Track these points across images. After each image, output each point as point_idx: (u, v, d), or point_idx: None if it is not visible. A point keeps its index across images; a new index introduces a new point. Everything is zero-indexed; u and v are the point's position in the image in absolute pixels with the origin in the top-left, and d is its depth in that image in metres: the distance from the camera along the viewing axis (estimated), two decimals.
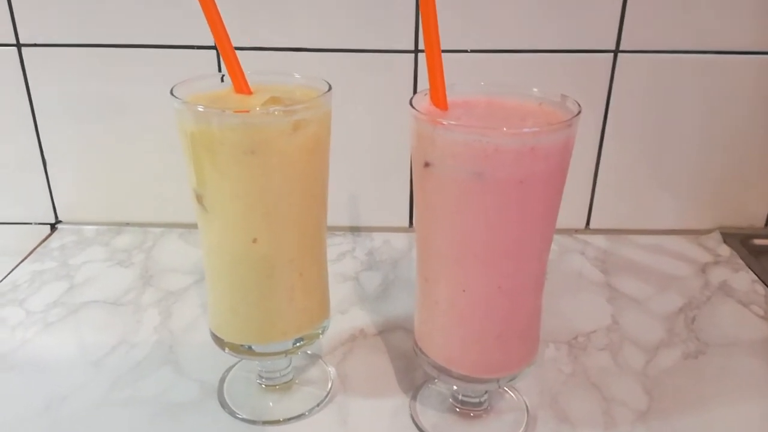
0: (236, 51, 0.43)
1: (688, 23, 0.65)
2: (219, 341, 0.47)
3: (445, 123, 0.37)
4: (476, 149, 0.36)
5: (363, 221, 0.75)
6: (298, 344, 0.46)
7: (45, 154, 0.72)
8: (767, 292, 0.63)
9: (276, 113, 0.39)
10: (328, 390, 0.50)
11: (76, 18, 0.66)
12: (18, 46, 0.67)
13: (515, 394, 0.50)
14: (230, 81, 0.43)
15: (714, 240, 0.73)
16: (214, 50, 0.66)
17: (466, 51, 0.66)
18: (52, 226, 0.76)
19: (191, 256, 0.69)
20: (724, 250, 0.71)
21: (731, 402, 0.49)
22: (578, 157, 0.69)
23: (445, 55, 0.39)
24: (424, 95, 0.41)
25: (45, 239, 0.73)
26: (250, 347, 0.46)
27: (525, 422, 0.47)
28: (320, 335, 0.48)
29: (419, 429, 0.47)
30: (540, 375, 0.52)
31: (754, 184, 0.73)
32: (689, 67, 0.67)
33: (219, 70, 0.67)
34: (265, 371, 0.50)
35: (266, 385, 0.51)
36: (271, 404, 0.49)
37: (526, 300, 0.42)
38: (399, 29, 0.65)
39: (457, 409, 0.48)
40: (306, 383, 0.51)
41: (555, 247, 0.71)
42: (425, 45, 0.39)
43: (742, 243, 0.72)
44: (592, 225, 0.75)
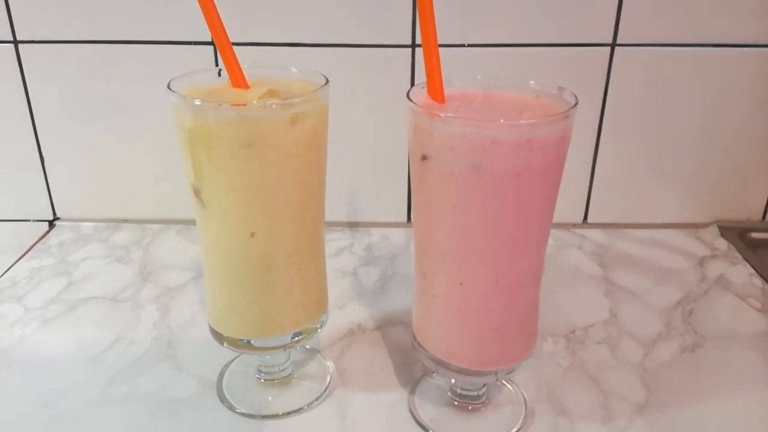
0: (233, 46, 0.43)
1: (686, 16, 0.65)
2: (218, 336, 0.47)
3: (443, 115, 0.37)
4: (474, 142, 0.36)
5: (361, 216, 0.75)
6: (297, 339, 0.47)
7: (43, 151, 0.72)
8: (764, 286, 0.64)
9: (273, 107, 0.39)
10: (327, 384, 0.50)
11: (74, 14, 0.65)
12: (15, 43, 0.67)
13: (513, 388, 0.50)
14: (227, 75, 0.43)
15: (711, 233, 0.73)
16: (212, 46, 0.66)
17: (464, 45, 0.66)
18: (51, 223, 0.76)
19: (189, 253, 0.69)
20: (722, 244, 0.71)
21: (728, 395, 0.50)
22: (575, 151, 0.70)
23: (443, 49, 0.39)
24: (422, 88, 0.41)
25: (43, 236, 0.73)
26: (249, 342, 0.46)
27: (523, 415, 0.47)
28: (318, 330, 0.48)
29: (418, 422, 0.47)
30: (538, 368, 0.52)
31: (752, 178, 0.73)
32: (687, 61, 0.67)
33: (216, 66, 0.67)
34: (264, 366, 0.50)
35: (265, 380, 0.51)
36: (270, 399, 0.49)
37: (524, 293, 0.42)
38: (396, 24, 0.65)
39: (456, 403, 0.48)
40: (305, 378, 0.51)
41: (553, 242, 0.71)
42: (422, 37, 0.39)
43: (740, 236, 0.72)
44: (590, 219, 0.75)
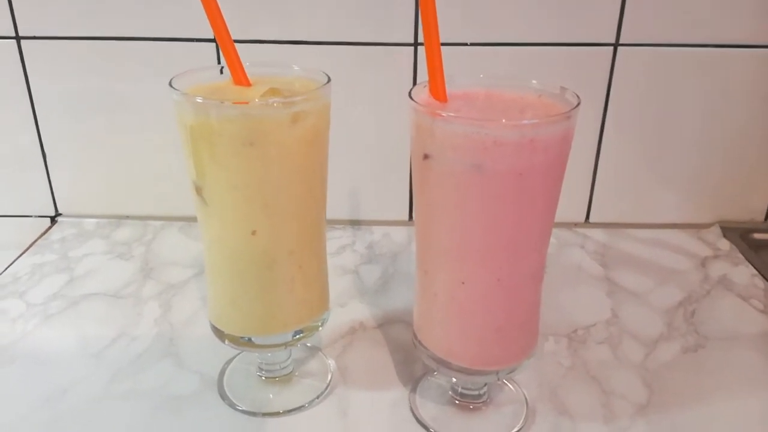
0: (235, 44, 0.43)
1: (689, 16, 0.65)
2: (219, 333, 0.47)
3: (445, 115, 0.37)
4: (475, 141, 0.36)
5: (363, 214, 0.75)
6: (298, 336, 0.47)
7: (45, 147, 0.72)
8: (767, 286, 0.63)
9: (275, 105, 0.39)
10: (328, 382, 0.50)
11: (76, 10, 0.65)
12: (17, 39, 0.67)
13: (514, 387, 0.50)
14: (229, 73, 0.43)
15: (714, 234, 0.73)
16: (214, 43, 0.66)
17: (466, 44, 0.66)
18: (53, 219, 0.76)
19: (191, 249, 0.69)
20: (724, 244, 0.71)
21: (730, 395, 0.50)
22: (578, 151, 0.70)
23: (445, 48, 0.39)
24: (424, 87, 0.41)
25: (45, 232, 0.73)
26: (250, 339, 0.46)
27: (524, 415, 0.47)
28: (320, 327, 0.48)
29: (418, 421, 0.47)
30: (539, 368, 0.52)
31: (754, 178, 0.73)
32: (689, 61, 0.67)
33: (218, 63, 0.67)
34: (265, 363, 0.50)
35: (266, 377, 0.51)
36: (271, 396, 0.49)
37: (526, 293, 0.42)
38: (398, 22, 0.65)
39: (457, 402, 0.48)
40: (306, 375, 0.52)
41: (555, 241, 0.71)
42: (424, 36, 0.39)
43: (742, 237, 0.72)
44: (592, 219, 0.75)
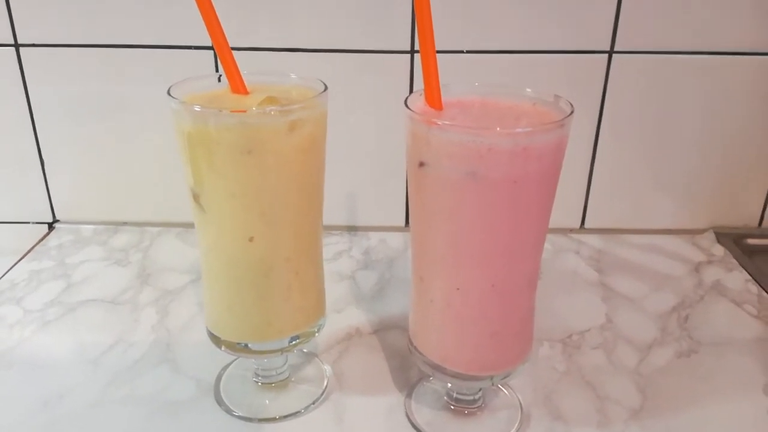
0: (233, 51, 0.43)
1: (683, 24, 0.65)
2: (215, 339, 0.47)
3: (440, 123, 0.37)
4: (470, 149, 0.36)
5: (359, 220, 0.75)
6: (294, 342, 0.47)
7: (43, 154, 0.72)
8: (760, 292, 0.64)
9: (272, 113, 0.39)
10: (324, 388, 0.51)
11: (74, 18, 0.66)
12: (16, 46, 0.67)
13: (509, 392, 0.50)
14: (227, 81, 0.44)
15: (708, 240, 0.74)
16: (212, 50, 0.67)
17: (462, 51, 0.66)
18: (50, 225, 0.76)
19: (188, 256, 0.70)
20: (718, 250, 0.72)
21: (724, 400, 0.50)
22: (573, 157, 0.70)
23: (441, 56, 0.40)
24: (419, 95, 0.41)
25: (43, 238, 0.73)
26: (247, 345, 0.46)
27: (519, 420, 0.48)
28: (316, 333, 0.49)
29: (414, 426, 0.47)
30: (534, 373, 0.52)
31: (749, 184, 0.74)
32: (684, 68, 0.67)
33: (216, 71, 0.67)
34: (262, 369, 0.51)
35: (262, 383, 0.51)
36: (267, 402, 0.50)
37: (520, 298, 0.43)
38: (395, 30, 0.65)
39: (452, 407, 0.49)
40: (302, 381, 0.52)
41: (550, 247, 0.71)
42: (420, 45, 0.39)
43: (736, 242, 0.73)
44: (587, 225, 0.76)
